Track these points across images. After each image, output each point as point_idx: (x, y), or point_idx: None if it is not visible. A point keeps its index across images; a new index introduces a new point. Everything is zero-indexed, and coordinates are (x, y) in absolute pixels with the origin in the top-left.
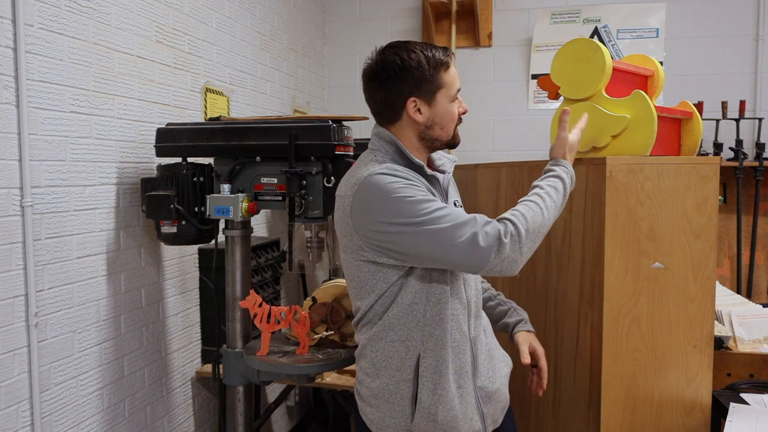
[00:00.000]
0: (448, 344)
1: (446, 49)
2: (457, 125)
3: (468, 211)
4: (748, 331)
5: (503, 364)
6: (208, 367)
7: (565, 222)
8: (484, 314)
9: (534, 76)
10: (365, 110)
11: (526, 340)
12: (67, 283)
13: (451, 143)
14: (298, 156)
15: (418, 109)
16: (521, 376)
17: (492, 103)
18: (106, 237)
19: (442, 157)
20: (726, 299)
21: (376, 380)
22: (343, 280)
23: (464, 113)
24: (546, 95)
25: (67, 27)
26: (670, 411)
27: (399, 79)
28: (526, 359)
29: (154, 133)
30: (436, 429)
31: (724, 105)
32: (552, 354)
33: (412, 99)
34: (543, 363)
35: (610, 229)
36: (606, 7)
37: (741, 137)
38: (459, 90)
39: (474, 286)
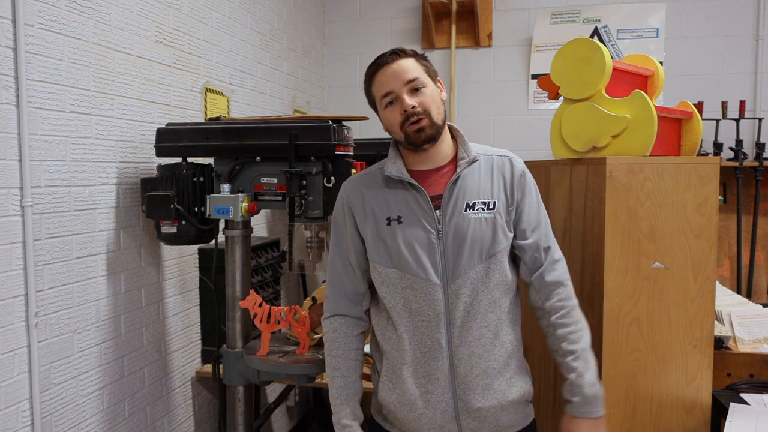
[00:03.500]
0: (411, 349)
1: (381, 56)
2: (406, 125)
3: None
4: (748, 331)
5: (515, 388)
6: (208, 367)
7: (565, 222)
8: (503, 331)
9: (534, 76)
10: (365, 110)
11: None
12: (67, 283)
13: (410, 144)
14: (298, 156)
15: (381, 122)
16: None
17: (492, 103)
18: (106, 237)
19: (464, 156)
20: (726, 299)
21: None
22: None
23: (405, 112)
24: (546, 95)
25: (67, 27)
26: (670, 411)
27: None
28: None
29: (154, 133)
30: (399, 423)
31: (724, 105)
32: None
33: (376, 112)
34: None
35: (610, 229)
36: (606, 7)
37: (741, 137)
38: (388, 94)
39: (469, 295)
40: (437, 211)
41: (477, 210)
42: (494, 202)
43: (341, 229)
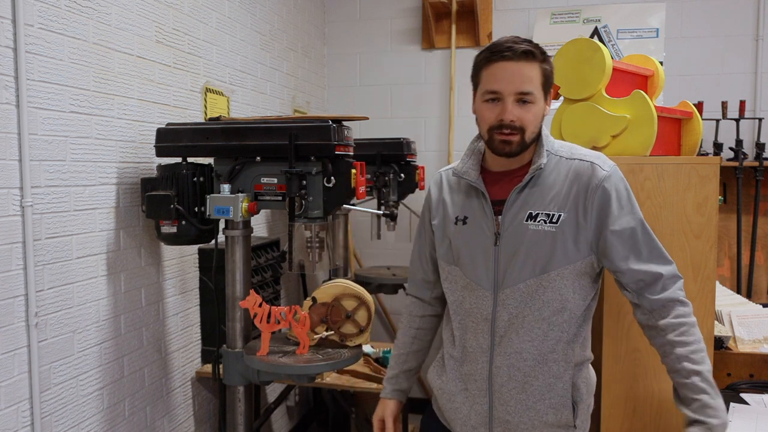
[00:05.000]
0: (459, 345)
1: (508, 46)
2: (495, 131)
3: None
4: (748, 331)
5: (552, 411)
6: (208, 367)
7: None
8: (552, 350)
9: None
10: (365, 110)
11: None
12: (67, 283)
13: (490, 149)
14: (298, 156)
15: (474, 103)
16: None
17: None
18: (106, 237)
19: (536, 161)
20: (726, 299)
21: None
22: (343, 280)
23: (499, 120)
24: None
25: (67, 27)
26: (670, 411)
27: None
28: None
29: (154, 133)
30: (440, 413)
31: (724, 105)
32: None
33: (474, 91)
34: None
35: None
36: (606, 7)
37: (741, 137)
38: (494, 92)
39: (516, 307)
40: (499, 216)
41: (538, 222)
42: (559, 216)
43: (422, 219)
